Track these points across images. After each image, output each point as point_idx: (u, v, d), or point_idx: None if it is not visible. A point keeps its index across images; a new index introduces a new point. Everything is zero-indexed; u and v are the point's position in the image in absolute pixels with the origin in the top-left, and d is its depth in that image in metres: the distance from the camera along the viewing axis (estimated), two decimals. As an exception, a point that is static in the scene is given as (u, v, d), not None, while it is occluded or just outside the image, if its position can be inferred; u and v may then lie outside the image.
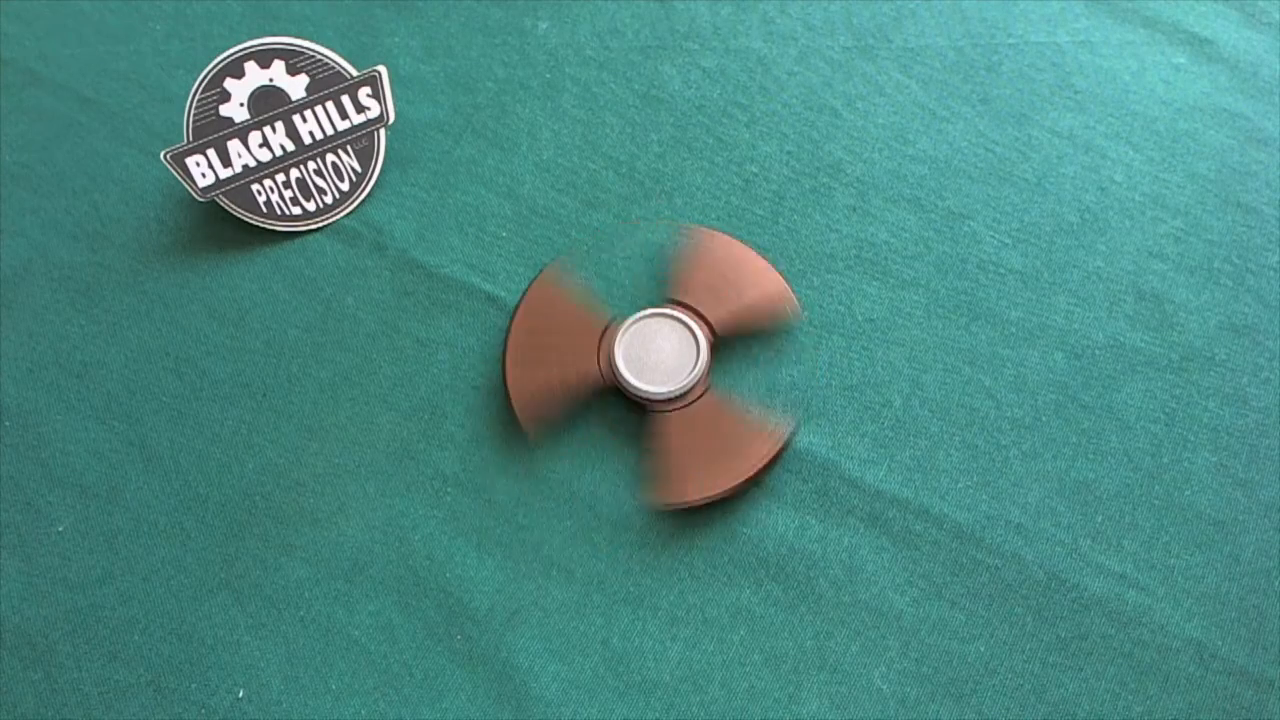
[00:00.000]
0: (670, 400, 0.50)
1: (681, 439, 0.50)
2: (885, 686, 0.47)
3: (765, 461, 0.49)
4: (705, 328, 0.51)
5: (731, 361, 0.53)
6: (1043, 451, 0.51)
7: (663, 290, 0.54)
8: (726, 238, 0.54)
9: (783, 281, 0.53)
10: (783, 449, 0.50)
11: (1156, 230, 0.55)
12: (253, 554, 0.50)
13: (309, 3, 0.63)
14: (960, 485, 0.50)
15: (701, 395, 0.50)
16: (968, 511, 0.50)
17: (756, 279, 0.53)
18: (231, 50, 0.55)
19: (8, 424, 0.53)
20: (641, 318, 0.51)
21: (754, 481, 0.50)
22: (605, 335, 0.52)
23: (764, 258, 0.53)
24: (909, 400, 0.52)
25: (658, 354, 0.51)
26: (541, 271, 0.54)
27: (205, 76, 0.54)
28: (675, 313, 0.51)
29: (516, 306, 0.53)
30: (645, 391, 0.50)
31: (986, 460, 0.51)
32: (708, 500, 0.49)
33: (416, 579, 0.50)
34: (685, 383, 0.50)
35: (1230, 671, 0.46)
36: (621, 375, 0.50)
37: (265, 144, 0.56)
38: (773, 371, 0.53)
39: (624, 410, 0.52)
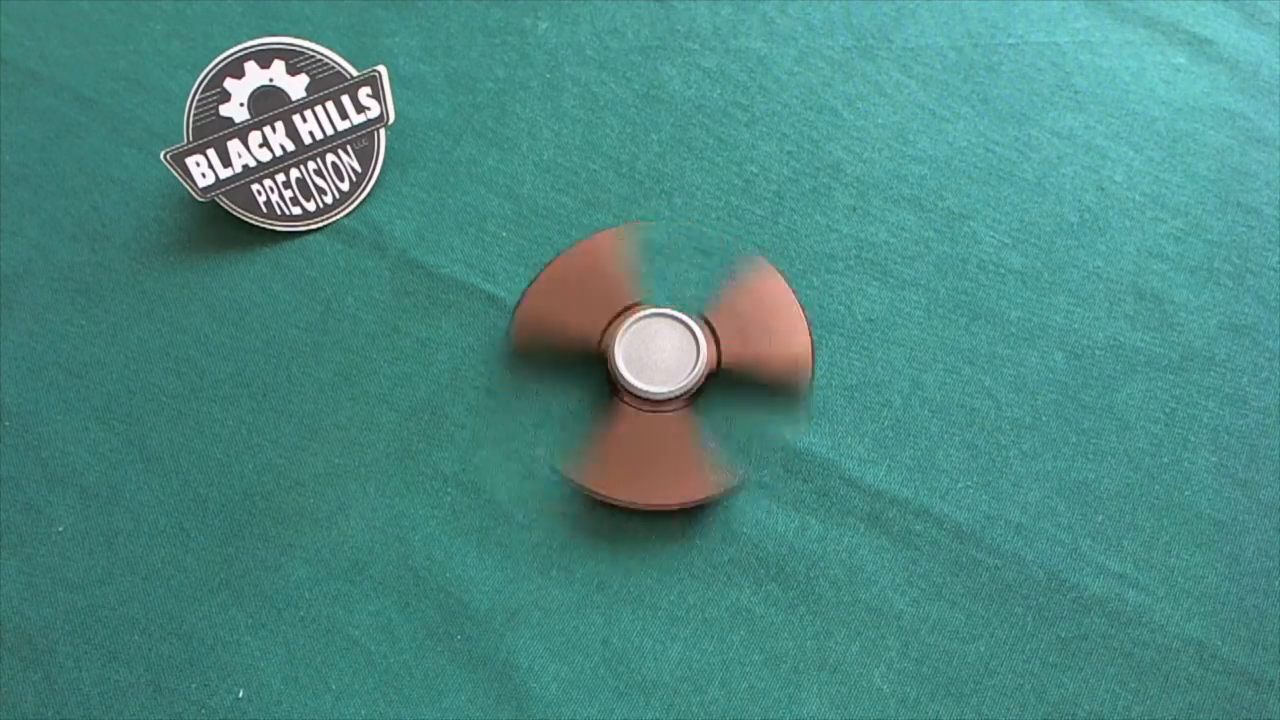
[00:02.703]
0: (656, 400, 0.50)
1: (629, 436, 0.49)
2: (885, 686, 0.47)
3: (683, 502, 0.49)
4: (712, 343, 0.51)
5: (731, 395, 0.53)
6: (1043, 451, 0.51)
7: (699, 303, 0.53)
8: (782, 283, 0.53)
9: (808, 346, 0.51)
10: (712, 499, 0.49)
11: (1156, 230, 0.55)
12: (253, 554, 0.50)
13: (309, 3, 0.63)
14: (960, 485, 0.50)
15: (675, 410, 0.50)
16: (968, 511, 0.50)
17: (786, 335, 0.52)
18: (231, 50, 0.55)
19: (8, 424, 0.53)
20: (642, 318, 0.51)
21: (669, 511, 0.49)
22: (619, 317, 0.52)
23: (805, 314, 0.52)
24: (909, 400, 0.52)
25: (658, 354, 0.51)
26: (605, 230, 0.54)
27: (205, 76, 0.54)
28: (675, 313, 0.51)
29: (563, 251, 0.53)
30: (645, 391, 0.50)
31: (986, 460, 0.51)
32: (606, 500, 0.49)
33: (416, 579, 0.50)
34: (685, 383, 0.50)
35: (1230, 671, 0.46)
36: (621, 375, 0.50)
37: (265, 144, 0.56)
38: (760, 425, 0.52)
39: (608, 392, 0.52)
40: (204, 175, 0.55)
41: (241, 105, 0.55)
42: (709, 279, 0.54)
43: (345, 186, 0.57)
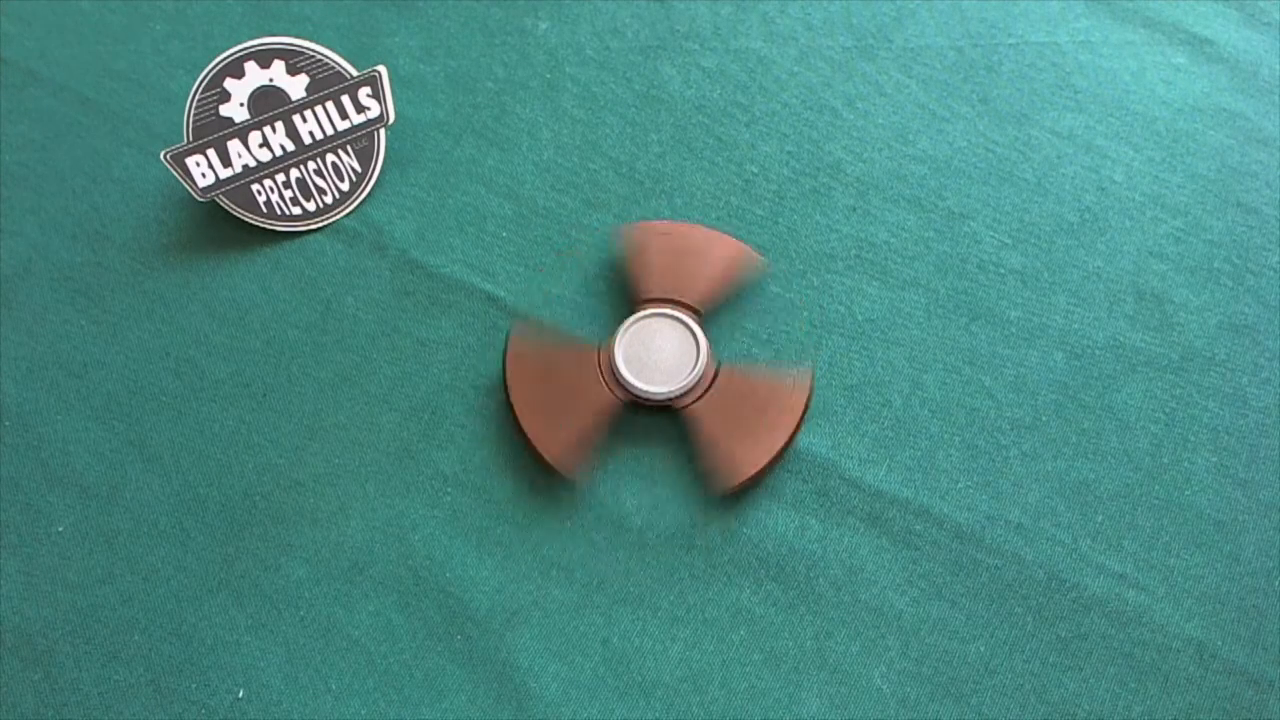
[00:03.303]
0: (673, 399, 0.50)
1: (715, 424, 0.50)
2: (885, 686, 0.47)
3: (802, 411, 0.50)
4: (691, 314, 0.51)
5: (728, 331, 0.53)
6: (1043, 451, 0.51)
7: (629, 295, 0.53)
8: (663, 224, 0.54)
9: (736, 241, 0.54)
10: (811, 394, 0.51)
11: (1156, 230, 0.55)
12: (253, 554, 0.50)
13: (309, 3, 0.63)
14: (960, 485, 0.50)
15: (715, 378, 0.51)
16: (968, 511, 0.50)
17: (710, 248, 0.53)
18: (231, 50, 0.55)
19: (8, 424, 0.53)
20: (641, 318, 0.51)
21: (799, 430, 0.50)
22: (601, 357, 0.51)
23: (702, 225, 0.54)
24: (909, 400, 0.52)
25: (658, 354, 0.51)
26: (508, 341, 0.52)
27: (205, 76, 0.54)
28: (675, 313, 0.51)
29: (504, 382, 0.52)
30: (645, 391, 0.50)
31: (986, 460, 0.51)
32: (764, 468, 0.49)
33: (416, 579, 0.50)
34: (685, 383, 0.50)
35: (1230, 671, 0.46)
36: (621, 375, 0.50)
37: (265, 144, 0.56)
38: (770, 322, 0.53)
39: (624, 410, 0.52)
40: (204, 175, 0.55)
41: (241, 105, 0.55)
42: (616, 276, 0.54)
43: (345, 186, 0.57)
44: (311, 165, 0.57)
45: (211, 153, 0.55)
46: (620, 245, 0.55)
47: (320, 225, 0.57)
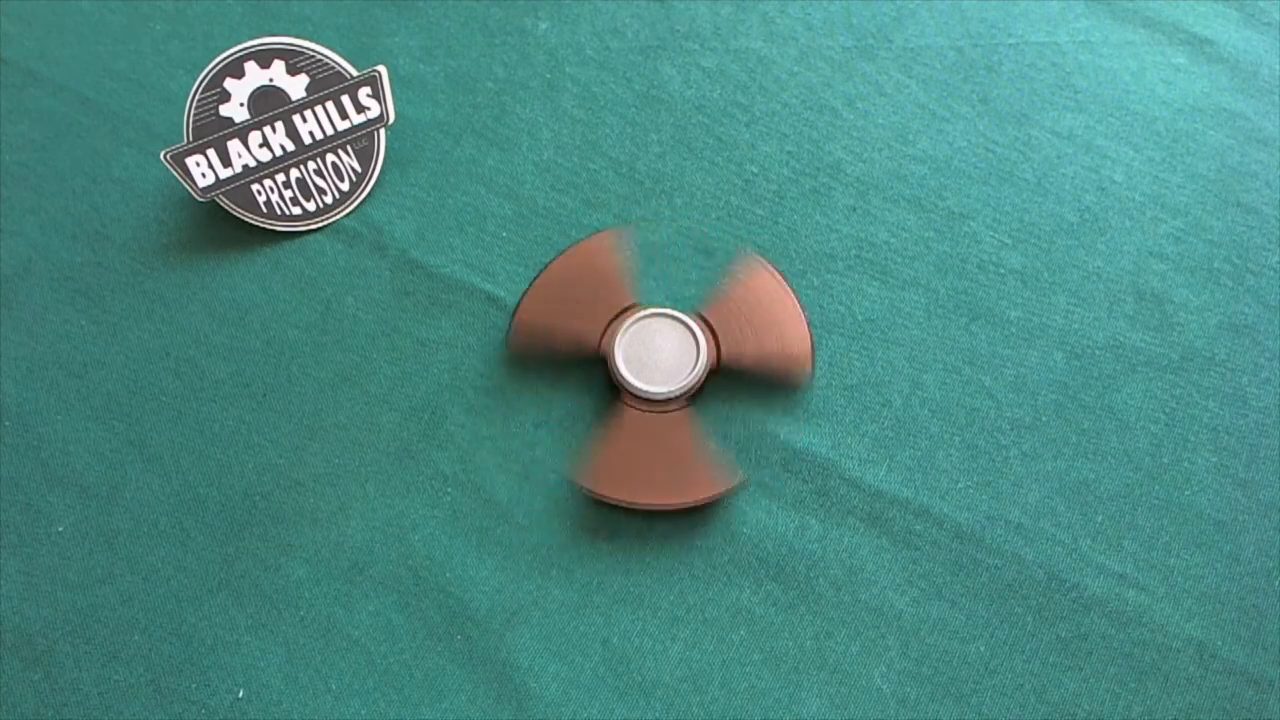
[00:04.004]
0: (656, 400, 0.50)
1: (633, 437, 0.50)
2: (885, 686, 0.47)
3: (690, 502, 0.49)
4: (712, 342, 0.51)
5: (730, 393, 0.53)
6: (1043, 451, 0.51)
7: (696, 302, 0.53)
8: (778, 279, 0.53)
9: (807, 343, 0.52)
10: (716, 498, 0.49)
11: (1156, 230, 0.55)
12: (253, 554, 0.50)
13: (309, 3, 0.63)
14: (960, 485, 0.50)
15: (676, 410, 0.50)
16: (968, 511, 0.50)
17: (783, 332, 0.52)
18: (231, 50, 0.55)
19: (8, 424, 0.53)
20: (642, 318, 0.51)
21: (674, 511, 0.49)
22: (618, 317, 0.52)
23: (803, 311, 0.52)
24: (909, 400, 0.52)
25: (658, 354, 0.51)
26: (602, 231, 0.54)
27: (205, 76, 0.54)
28: (675, 313, 0.51)
29: (561, 252, 0.54)
30: (645, 391, 0.50)
31: (986, 460, 0.51)
32: (613, 501, 0.49)
33: (416, 579, 0.50)
34: (685, 383, 0.50)
35: (1230, 671, 0.46)
36: (621, 375, 0.50)
37: (265, 144, 0.56)
38: (760, 422, 0.52)
39: (611, 395, 0.52)
40: (204, 175, 0.55)
41: (241, 105, 0.55)
42: (706, 278, 0.54)
43: (345, 186, 0.57)
44: (311, 165, 0.57)
45: (211, 153, 0.55)
46: (733, 263, 0.54)
47: (320, 225, 0.57)
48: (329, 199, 0.57)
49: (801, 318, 0.52)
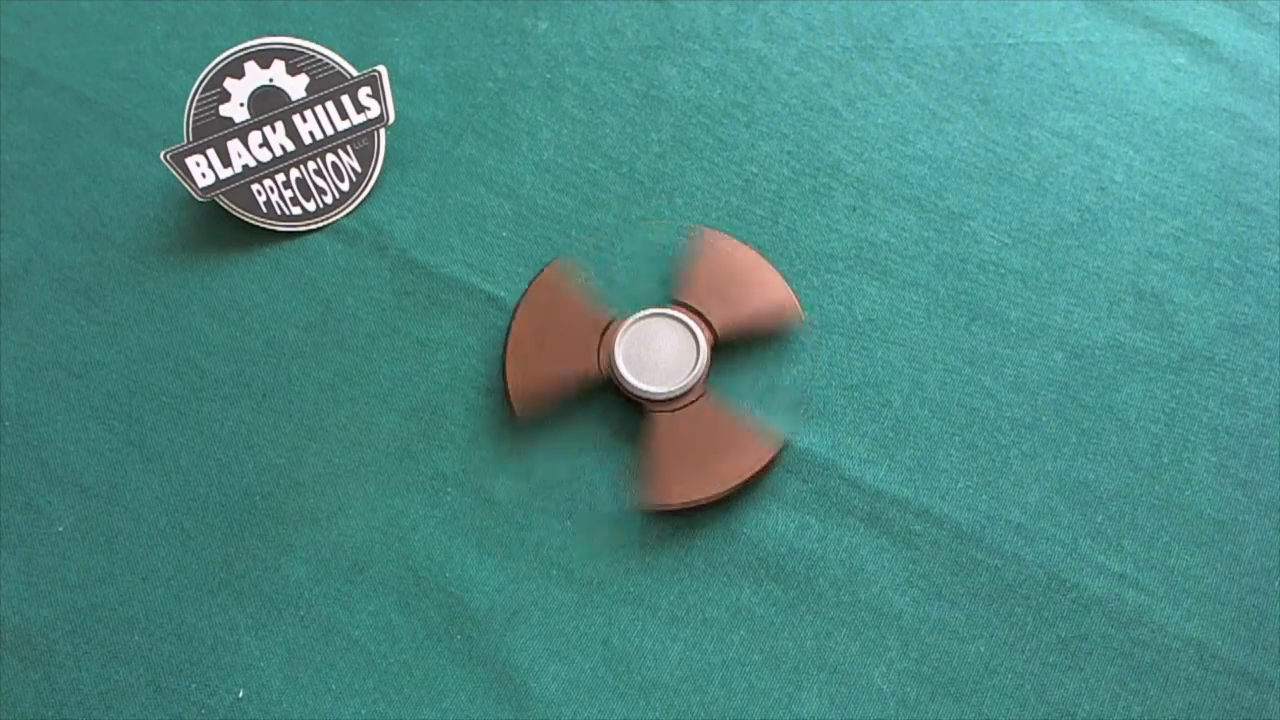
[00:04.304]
0: (669, 400, 0.50)
1: (672, 441, 0.50)
2: (885, 686, 0.47)
3: (754, 471, 0.49)
4: (706, 329, 0.51)
5: (732, 363, 0.53)
6: (1043, 451, 0.51)
7: (667, 290, 0.54)
8: (733, 240, 0.54)
9: (787, 288, 0.53)
10: (775, 458, 0.50)
11: (1156, 230, 0.55)
12: (253, 554, 0.50)
13: (309, 3, 0.63)
14: (960, 485, 0.50)
15: (698, 398, 0.50)
16: (968, 511, 0.50)
17: (762, 285, 0.53)
18: (231, 50, 0.55)
19: (8, 424, 0.53)
20: (641, 318, 0.51)
21: (743, 488, 0.49)
22: (606, 333, 0.52)
23: (768, 261, 0.53)
24: (909, 400, 0.52)
25: (658, 354, 0.51)
26: (544, 268, 0.54)
27: (205, 76, 0.55)
28: (675, 313, 0.51)
29: (518, 303, 0.53)
30: (645, 391, 0.50)
31: (986, 460, 0.51)
32: (691, 505, 0.49)
33: (416, 579, 0.50)
34: (685, 383, 0.50)
35: (1230, 671, 0.46)
36: (621, 375, 0.50)
37: (265, 144, 0.56)
38: (773, 375, 0.53)
39: (624, 410, 0.52)
40: (204, 175, 0.55)
41: (241, 105, 0.55)
42: (660, 268, 0.54)
43: (345, 186, 0.57)
44: (311, 165, 0.57)
45: (211, 153, 0.55)
46: (684, 244, 0.55)
47: (320, 225, 0.57)
48: (329, 199, 0.57)
49: (770, 268, 0.53)
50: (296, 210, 0.57)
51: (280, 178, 0.56)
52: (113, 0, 0.63)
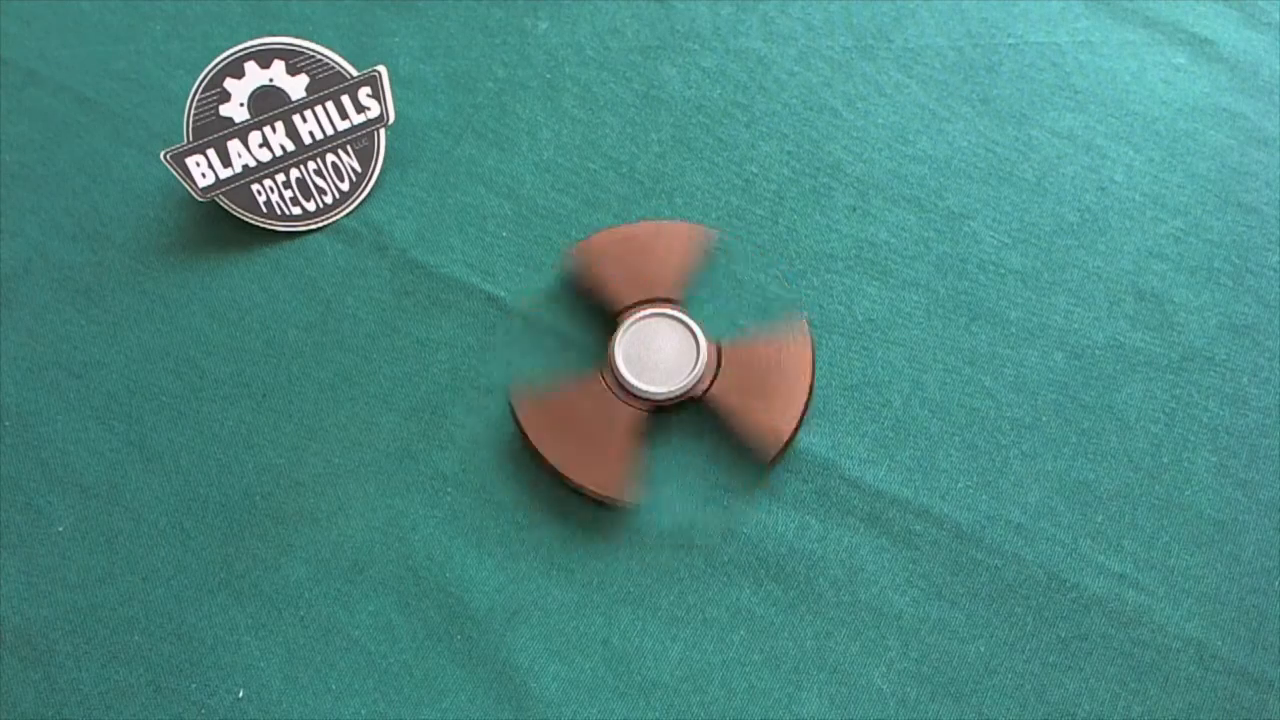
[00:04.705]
0: (671, 399, 0.50)
1: (737, 400, 0.50)
2: (885, 686, 0.47)
3: (812, 359, 0.50)
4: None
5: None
6: (1043, 451, 0.51)
7: (606, 309, 0.53)
8: (605, 232, 0.54)
9: (684, 224, 0.54)
10: (814, 341, 0.51)
11: (1156, 230, 0.55)
12: (253, 554, 0.50)
13: (309, 3, 0.63)
14: (960, 485, 0.50)
15: (720, 360, 0.51)
16: (968, 511, 0.50)
17: (663, 241, 0.53)
18: (231, 50, 0.55)
19: (8, 424, 0.53)
20: (641, 318, 0.51)
21: (814, 384, 0.51)
22: (605, 377, 0.51)
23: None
24: (909, 400, 0.52)
25: (658, 354, 0.51)
26: (513, 405, 0.51)
27: (205, 76, 0.55)
28: (675, 313, 0.51)
29: (524, 438, 0.50)
30: (645, 391, 0.50)
31: (986, 460, 0.51)
32: (800, 423, 0.50)
33: (416, 579, 0.50)
34: (685, 383, 0.50)
35: (1230, 671, 0.46)
36: (621, 375, 0.50)
37: (265, 144, 0.56)
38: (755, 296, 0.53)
39: (625, 410, 0.52)
40: (204, 175, 0.55)
41: (241, 105, 0.55)
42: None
43: (345, 186, 0.57)
44: (311, 165, 0.57)
45: (211, 153, 0.55)
46: (574, 266, 0.54)
47: (320, 225, 0.57)
48: (329, 199, 0.57)
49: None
50: (296, 210, 0.57)
51: (280, 178, 0.56)
52: (113, 0, 0.63)
